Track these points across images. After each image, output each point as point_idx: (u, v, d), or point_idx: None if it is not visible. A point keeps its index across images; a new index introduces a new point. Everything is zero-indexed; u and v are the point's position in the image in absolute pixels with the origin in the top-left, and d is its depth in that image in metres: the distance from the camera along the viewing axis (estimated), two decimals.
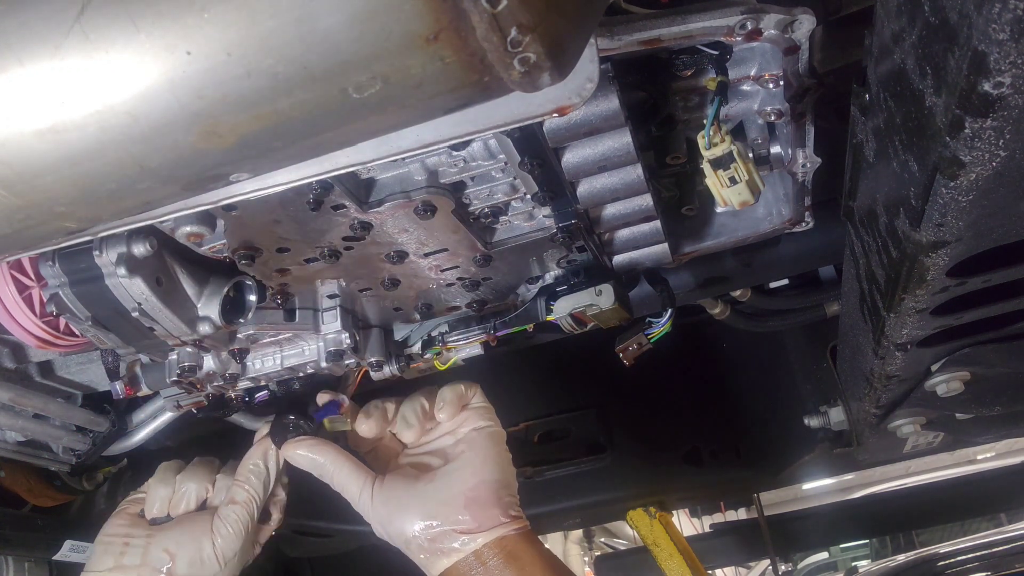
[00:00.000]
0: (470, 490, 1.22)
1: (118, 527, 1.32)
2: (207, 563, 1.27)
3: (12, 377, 1.31)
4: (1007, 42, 0.54)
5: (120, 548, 1.29)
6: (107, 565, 1.28)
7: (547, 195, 1.03)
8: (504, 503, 1.23)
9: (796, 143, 1.05)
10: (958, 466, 7.30)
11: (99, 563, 1.29)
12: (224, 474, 1.36)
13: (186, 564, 1.26)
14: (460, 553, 1.19)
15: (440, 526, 1.20)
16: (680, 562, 2.40)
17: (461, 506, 1.20)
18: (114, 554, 1.29)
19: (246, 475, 1.31)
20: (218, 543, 1.28)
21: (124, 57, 0.52)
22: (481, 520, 1.20)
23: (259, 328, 1.19)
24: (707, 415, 2.25)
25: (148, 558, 1.27)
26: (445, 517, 1.20)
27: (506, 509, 1.22)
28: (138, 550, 1.28)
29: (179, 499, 1.33)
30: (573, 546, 7.97)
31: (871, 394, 1.39)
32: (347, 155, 0.79)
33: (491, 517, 1.20)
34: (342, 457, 1.26)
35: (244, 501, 1.29)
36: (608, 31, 0.84)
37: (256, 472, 1.31)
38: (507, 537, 1.20)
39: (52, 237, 0.71)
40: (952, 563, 2.96)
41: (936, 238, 0.80)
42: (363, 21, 0.50)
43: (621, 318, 1.24)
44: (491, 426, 1.31)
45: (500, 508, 1.21)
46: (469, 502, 1.21)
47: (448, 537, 1.20)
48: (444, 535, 1.20)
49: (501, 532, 1.20)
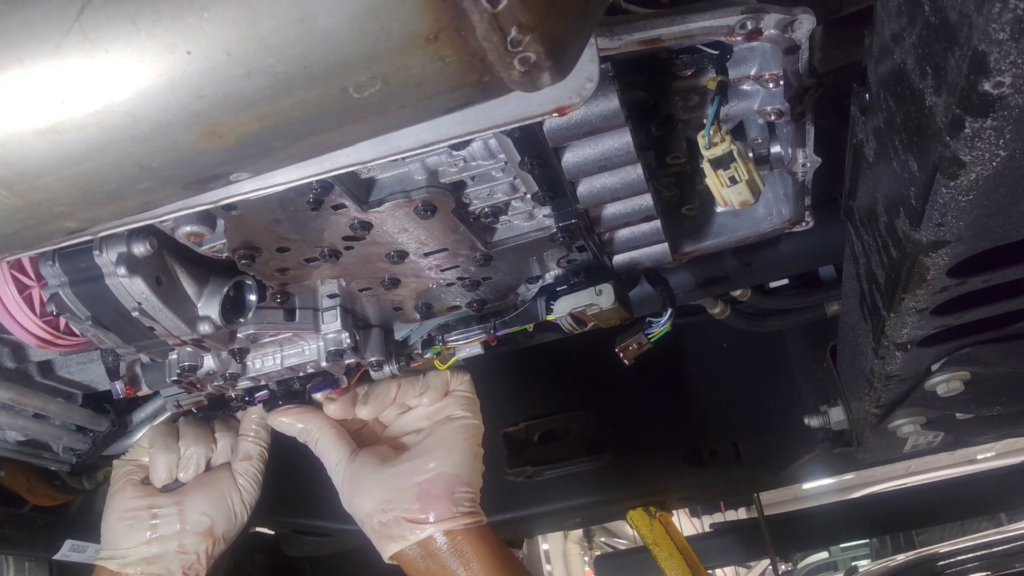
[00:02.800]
0: (425, 481, 1.26)
1: (133, 500, 1.34)
2: (239, 515, 1.37)
3: (12, 377, 1.31)
4: (1007, 42, 0.54)
5: (148, 520, 1.32)
6: (140, 539, 1.31)
7: (547, 195, 1.03)
8: (456, 498, 1.25)
9: (796, 143, 1.05)
10: (958, 466, 7.29)
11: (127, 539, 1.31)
12: (220, 433, 1.42)
13: (223, 521, 1.35)
14: (407, 541, 1.24)
15: (392, 512, 1.25)
16: (680, 562, 2.40)
17: (413, 496, 1.25)
18: (143, 527, 1.32)
19: (255, 430, 1.39)
20: (244, 495, 1.37)
21: (124, 56, 0.52)
22: (430, 511, 1.23)
23: (259, 328, 1.19)
24: (707, 415, 2.24)
25: (187, 523, 1.32)
26: (398, 504, 1.25)
27: (458, 504, 1.25)
28: (172, 518, 1.33)
29: (186, 463, 1.38)
30: (573, 546, 7.96)
31: (871, 394, 1.39)
32: (347, 155, 0.79)
33: (441, 510, 1.24)
34: (328, 424, 1.32)
35: (258, 454, 1.39)
36: (608, 31, 0.84)
37: (261, 423, 1.39)
38: (455, 531, 1.23)
39: (52, 237, 0.71)
40: (952, 563, 2.96)
41: (936, 238, 0.80)
42: (363, 20, 0.50)
43: (621, 318, 1.24)
44: (467, 417, 1.34)
45: (451, 502, 1.25)
46: (422, 493, 1.25)
47: (397, 524, 1.24)
48: (394, 521, 1.24)
49: (449, 526, 1.23)
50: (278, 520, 2.23)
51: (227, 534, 1.36)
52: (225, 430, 1.42)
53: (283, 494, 1.49)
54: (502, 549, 1.27)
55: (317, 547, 2.45)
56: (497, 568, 1.23)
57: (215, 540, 1.34)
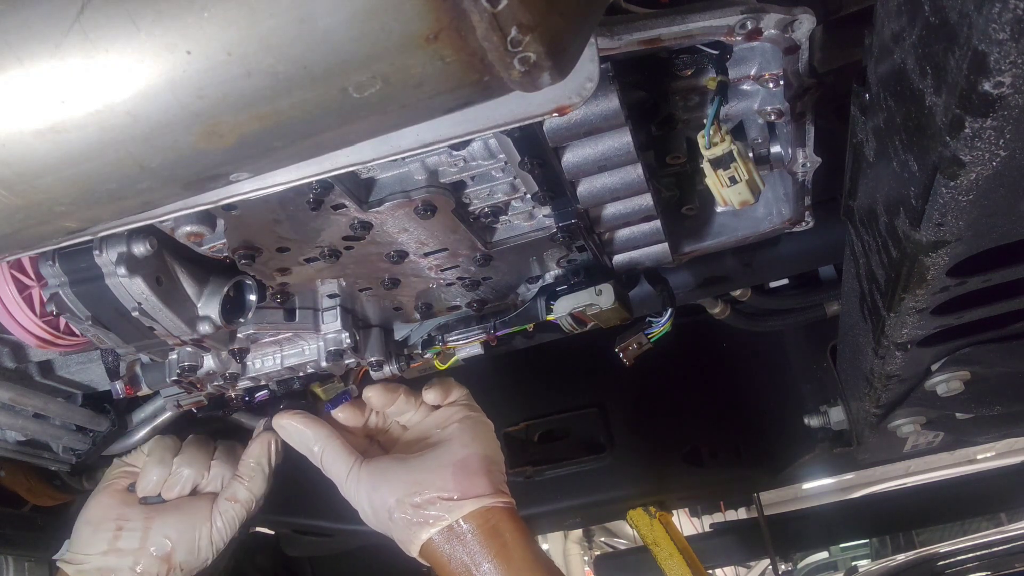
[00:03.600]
0: (459, 460, 1.20)
1: (108, 507, 1.31)
2: (202, 551, 1.29)
3: (12, 377, 1.31)
4: (1007, 42, 0.54)
5: (113, 530, 1.28)
6: (100, 548, 1.27)
7: (547, 195, 1.03)
8: (493, 475, 1.20)
9: (796, 143, 1.05)
10: (958, 466, 7.30)
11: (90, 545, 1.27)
12: (219, 460, 1.36)
13: (184, 551, 1.28)
14: (443, 522, 1.16)
15: (425, 493, 1.17)
16: (680, 562, 2.40)
17: (448, 475, 1.18)
18: (107, 537, 1.27)
19: (249, 473, 1.32)
20: (215, 534, 1.29)
21: (124, 56, 0.52)
22: (467, 488, 1.17)
23: (259, 328, 1.19)
24: (707, 415, 2.25)
25: (148, 543, 1.27)
26: (431, 484, 1.18)
27: (494, 481, 1.20)
28: (136, 534, 1.28)
29: (174, 481, 1.33)
30: (573, 546, 7.97)
31: (871, 394, 1.39)
32: (347, 155, 0.79)
33: (478, 485, 1.18)
34: (333, 437, 1.25)
35: (244, 500, 1.31)
36: (608, 31, 0.84)
37: (259, 471, 1.32)
38: (492, 509, 1.17)
39: (52, 237, 0.71)
40: (952, 563, 2.96)
41: (936, 238, 0.80)
42: (363, 20, 0.50)
43: (621, 318, 1.24)
44: (480, 416, 1.31)
45: (488, 478, 1.19)
46: (457, 470, 1.19)
47: (432, 504, 1.17)
48: (428, 502, 1.17)
49: (487, 502, 1.17)
50: (278, 520, 2.24)
51: (186, 565, 1.29)
52: (225, 459, 1.36)
53: (283, 494, 1.48)
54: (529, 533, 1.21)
55: (318, 547, 2.46)
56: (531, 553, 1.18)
57: (171, 568, 1.27)
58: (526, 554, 1.16)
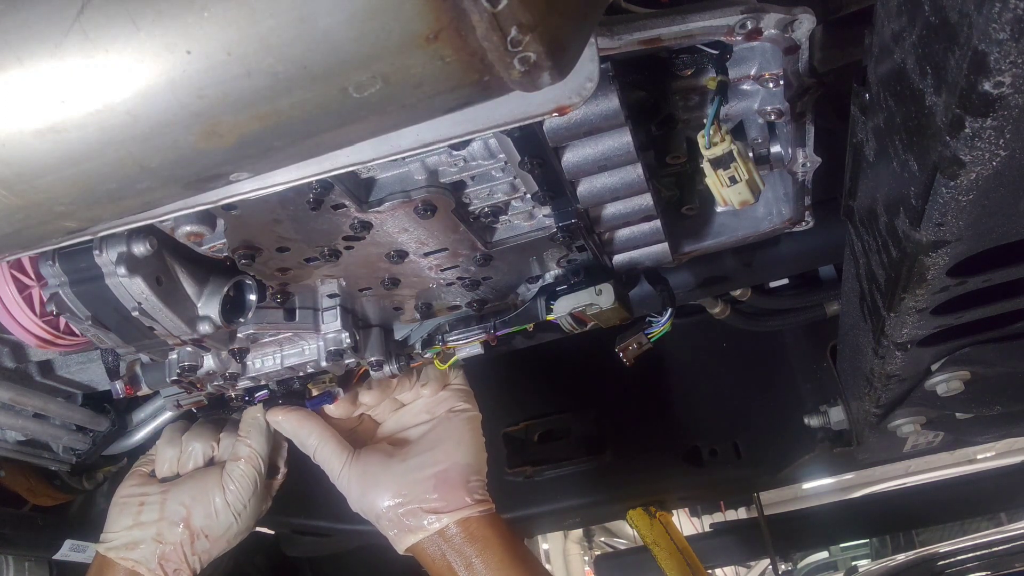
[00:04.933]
0: (441, 472, 1.30)
1: (131, 488, 1.40)
2: (221, 514, 1.35)
3: (12, 377, 1.31)
4: (1007, 42, 0.54)
5: (136, 507, 1.36)
6: (126, 524, 1.35)
7: (547, 195, 1.03)
8: (471, 486, 1.30)
9: (796, 143, 1.05)
10: (958, 466, 7.30)
11: (117, 523, 1.36)
12: (227, 432, 1.44)
13: (201, 516, 1.35)
14: (426, 531, 1.27)
15: (409, 503, 1.28)
16: (680, 562, 2.40)
17: (431, 486, 1.28)
18: (131, 513, 1.36)
19: (248, 430, 1.39)
20: (228, 495, 1.36)
21: (124, 56, 0.52)
22: (448, 500, 1.28)
23: (259, 328, 1.19)
24: (707, 415, 2.25)
25: (165, 512, 1.35)
26: (415, 496, 1.28)
27: (472, 492, 1.29)
28: (155, 506, 1.36)
29: (187, 458, 1.41)
30: (573, 546, 7.96)
31: (871, 393, 1.39)
32: (347, 155, 0.79)
33: (458, 499, 1.28)
34: (327, 432, 1.34)
35: (247, 456, 1.38)
36: (608, 30, 0.84)
37: (257, 427, 1.39)
38: (471, 519, 1.28)
39: (52, 237, 0.71)
40: (952, 563, 2.96)
41: (936, 237, 0.80)
42: (363, 20, 0.50)
43: (621, 318, 1.24)
44: (468, 410, 1.39)
45: (466, 491, 1.29)
46: (439, 483, 1.29)
47: (416, 515, 1.27)
48: (412, 512, 1.28)
49: (466, 513, 1.27)
50: (278, 520, 2.24)
51: (208, 530, 1.35)
52: (233, 431, 1.43)
53: (283, 494, 1.48)
54: (511, 533, 1.32)
55: (317, 547, 2.46)
56: (510, 552, 1.28)
57: (193, 534, 1.34)
58: (504, 556, 1.27)
